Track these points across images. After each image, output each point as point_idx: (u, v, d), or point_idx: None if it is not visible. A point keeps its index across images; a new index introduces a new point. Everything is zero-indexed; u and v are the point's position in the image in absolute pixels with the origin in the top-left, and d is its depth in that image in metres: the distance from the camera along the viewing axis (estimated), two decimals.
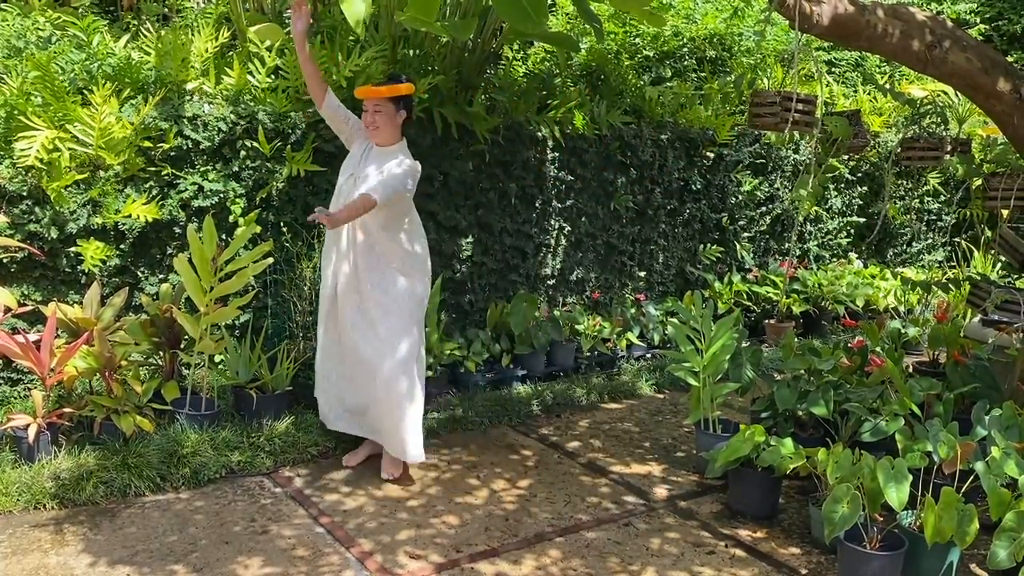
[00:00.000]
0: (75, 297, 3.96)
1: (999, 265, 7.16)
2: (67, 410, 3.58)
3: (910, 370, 4.73)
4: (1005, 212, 4.03)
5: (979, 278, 4.83)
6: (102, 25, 4.53)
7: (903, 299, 6.72)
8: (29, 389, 3.88)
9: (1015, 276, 5.58)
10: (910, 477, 3.02)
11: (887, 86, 5.50)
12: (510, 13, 3.94)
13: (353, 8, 3.36)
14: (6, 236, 3.72)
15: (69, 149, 3.80)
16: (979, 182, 4.34)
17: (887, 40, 3.56)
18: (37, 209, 3.81)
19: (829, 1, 3.43)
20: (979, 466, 3.05)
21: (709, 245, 6.34)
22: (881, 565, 2.94)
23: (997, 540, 2.80)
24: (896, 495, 2.97)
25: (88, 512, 3.31)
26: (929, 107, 4.47)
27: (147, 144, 4.00)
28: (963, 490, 3.00)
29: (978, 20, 9.39)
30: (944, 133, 4.49)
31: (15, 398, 3.86)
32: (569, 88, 5.57)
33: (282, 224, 4.35)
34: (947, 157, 4.22)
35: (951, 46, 3.60)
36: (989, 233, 7.66)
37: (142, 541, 3.11)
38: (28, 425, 3.43)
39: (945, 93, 6.53)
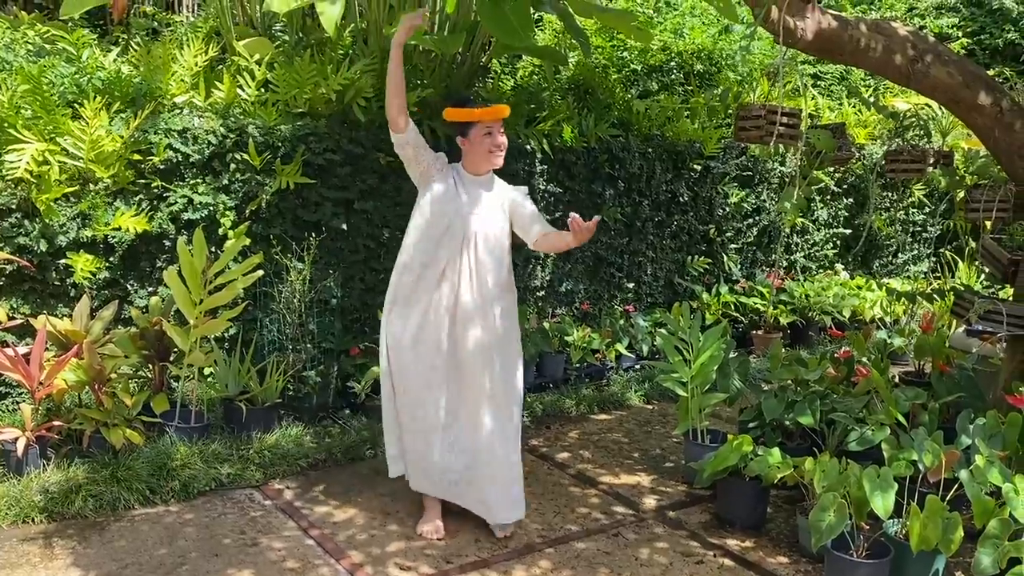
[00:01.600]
0: (64, 310, 3.96)
1: (983, 276, 7.23)
2: (56, 423, 3.58)
3: (896, 380, 4.77)
4: (988, 223, 4.09)
5: (963, 289, 4.89)
6: (91, 39, 4.54)
7: (889, 310, 6.78)
8: (18, 402, 3.87)
9: (998, 287, 5.64)
10: (896, 486, 3.05)
11: (871, 99, 5.57)
12: (498, 28, 3.99)
13: (327, 10, 3.38)
14: None
15: (59, 162, 3.81)
16: (962, 194, 4.40)
17: (870, 55, 3.62)
18: (27, 222, 3.81)
19: (813, 16, 3.48)
20: (963, 475, 3.09)
21: (697, 257, 6.39)
22: (867, 573, 2.97)
23: (981, 547, 2.83)
24: (882, 504, 3.00)
25: (77, 526, 3.30)
26: (912, 120, 4.53)
27: (137, 157, 4.01)
28: (948, 498, 3.04)
29: (960, 34, 9.51)
30: (927, 146, 4.55)
31: (4, 411, 3.85)
32: (557, 101, 5.61)
33: (272, 237, 4.36)
34: (930, 169, 4.27)
35: (933, 60, 3.66)
36: (973, 244, 7.74)
37: (131, 554, 3.10)
38: (17, 438, 3.42)
39: (929, 106, 6.62)
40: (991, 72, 8.73)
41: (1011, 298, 4.02)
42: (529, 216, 3.40)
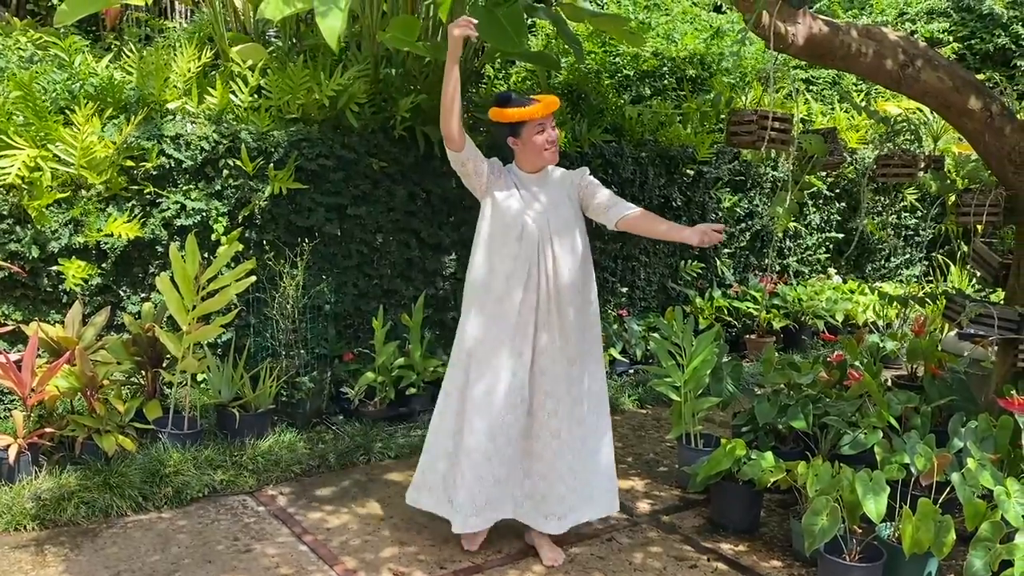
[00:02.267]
0: (56, 316, 3.95)
1: (974, 279, 7.26)
2: (48, 430, 3.56)
3: (888, 384, 4.79)
4: (979, 227, 4.11)
5: (955, 292, 4.91)
6: (84, 45, 4.54)
7: (881, 314, 6.81)
8: (10, 409, 3.86)
9: (990, 290, 5.67)
10: (888, 489, 3.06)
11: (862, 104, 5.60)
12: (493, 35, 4.01)
13: (328, 23, 3.37)
14: None
15: (51, 168, 3.81)
16: (953, 198, 4.42)
17: (861, 60, 3.63)
18: (18, 228, 3.80)
19: (804, 22, 3.50)
20: (955, 477, 3.10)
21: (690, 261, 6.40)
22: None
23: (973, 550, 2.83)
24: (874, 507, 3.01)
25: (69, 533, 3.28)
26: (903, 125, 4.55)
27: (129, 163, 4.01)
28: (940, 501, 3.04)
29: (951, 39, 9.56)
30: (918, 150, 4.57)
31: None
32: None
33: (265, 242, 4.36)
34: (921, 174, 4.29)
35: (923, 66, 3.68)
36: (965, 248, 7.77)
37: (124, 561, 3.09)
38: (9, 446, 3.41)
39: (920, 110, 6.66)
40: (981, 77, 8.78)
41: (1002, 302, 4.04)
42: (605, 198, 3.19)
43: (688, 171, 6.24)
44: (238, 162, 4.20)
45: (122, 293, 4.11)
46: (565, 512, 3.17)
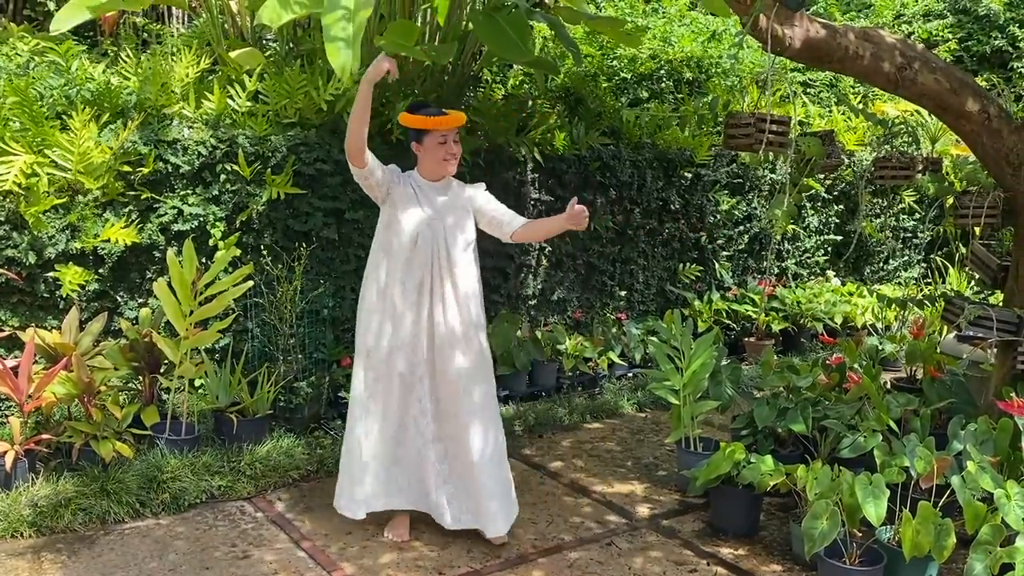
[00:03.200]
0: (53, 322, 3.94)
1: (973, 281, 7.26)
2: (45, 436, 3.55)
3: (888, 386, 4.78)
4: (977, 229, 4.11)
5: (953, 294, 4.90)
6: (81, 50, 4.53)
7: (880, 316, 6.80)
8: (6, 416, 3.85)
9: (988, 292, 5.66)
10: (888, 492, 3.06)
11: (860, 106, 5.60)
12: (497, 44, 4.00)
13: (339, 58, 3.36)
14: None
15: (48, 174, 3.80)
16: (951, 200, 4.42)
17: (858, 62, 3.63)
18: (15, 234, 3.79)
19: (801, 24, 3.50)
20: (955, 480, 3.09)
21: (688, 264, 6.40)
22: None
23: (974, 553, 2.83)
24: (874, 510, 3.00)
25: (66, 540, 3.27)
26: (900, 127, 4.56)
27: (126, 168, 4.00)
28: (940, 504, 3.04)
29: (949, 35, 9.56)
30: (916, 152, 4.58)
31: None
32: (547, 110, 5.62)
33: (262, 247, 4.35)
34: (918, 176, 4.29)
35: (920, 68, 3.68)
36: (963, 250, 7.77)
37: (121, 568, 3.08)
38: (5, 452, 3.40)
39: (918, 112, 6.65)
40: (978, 79, 8.79)
41: (1001, 304, 4.03)
42: (498, 211, 3.43)
43: (686, 174, 6.24)
44: (235, 167, 4.20)
45: (119, 299, 4.10)
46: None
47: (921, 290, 7.40)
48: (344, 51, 3.28)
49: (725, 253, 6.68)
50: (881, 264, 8.00)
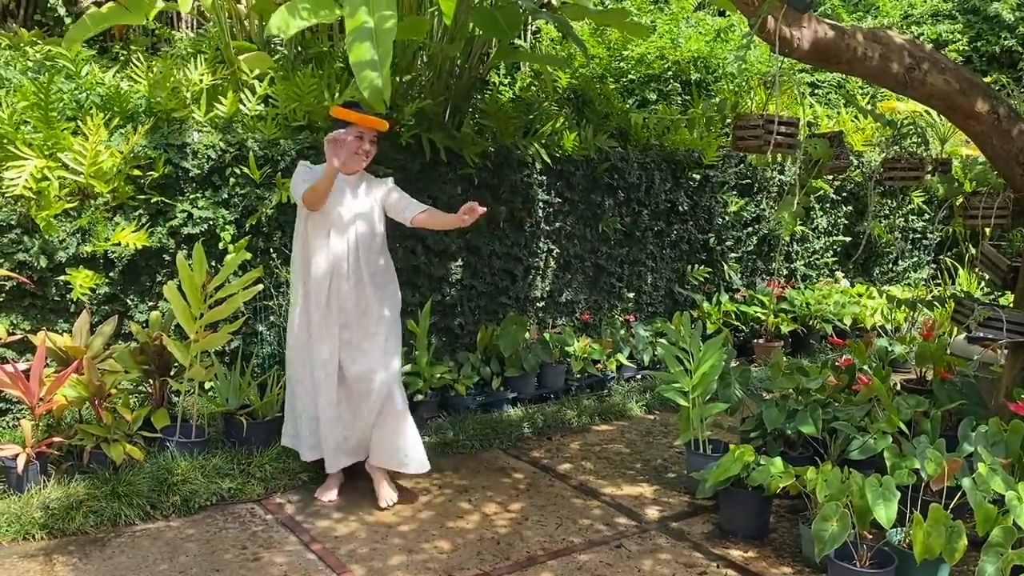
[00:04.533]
0: (64, 325, 3.96)
1: (983, 282, 7.23)
2: (56, 439, 3.57)
3: (897, 388, 4.76)
4: (987, 230, 4.09)
5: (963, 295, 4.88)
6: (91, 55, 4.56)
7: (890, 317, 6.78)
8: (18, 419, 3.87)
9: (999, 293, 5.64)
10: (898, 494, 3.05)
11: (868, 107, 5.58)
12: (486, 26, 4.19)
13: (371, 83, 3.56)
14: None
15: (59, 178, 3.82)
16: (961, 200, 4.40)
17: (867, 63, 3.62)
18: (26, 238, 3.81)
19: (809, 25, 3.49)
20: (966, 482, 3.08)
21: (697, 266, 6.39)
22: None
23: (985, 556, 2.81)
24: (885, 513, 2.99)
25: (78, 542, 3.29)
26: (909, 127, 4.54)
27: (137, 172, 4.02)
28: (951, 507, 3.03)
29: (960, 35, 9.52)
30: (924, 153, 4.56)
31: (4, 428, 3.85)
32: (554, 112, 5.63)
33: (272, 250, 4.37)
34: (928, 177, 4.28)
35: (929, 68, 3.67)
36: (973, 250, 7.73)
37: (132, 570, 3.09)
38: (17, 455, 3.42)
39: (928, 113, 6.63)
40: (988, 79, 8.76)
41: (1011, 305, 4.01)
42: (399, 200, 3.78)
43: (694, 175, 6.23)
44: (245, 170, 4.22)
45: (129, 302, 4.12)
46: None
47: (931, 291, 7.37)
48: (376, 74, 3.43)
49: (734, 255, 6.67)
50: (890, 265, 7.97)
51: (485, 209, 3.62)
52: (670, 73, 6.67)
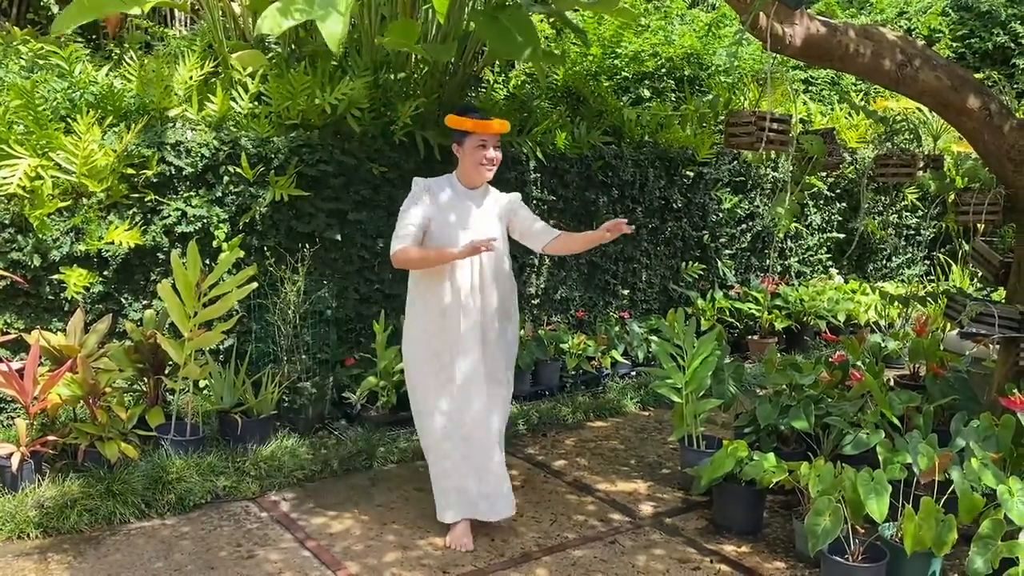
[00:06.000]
0: (58, 324, 3.96)
1: (976, 278, 7.26)
2: (51, 438, 3.57)
3: (890, 383, 4.78)
4: (979, 226, 4.11)
5: (956, 291, 4.90)
6: (84, 54, 4.55)
7: (883, 313, 6.80)
8: (12, 418, 3.87)
9: (991, 289, 5.66)
10: (890, 489, 3.06)
11: (861, 104, 5.60)
12: (500, 43, 3.97)
13: (329, 28, 3.36)
14: None
15: (52, 177, 3.82)
16: (953, 197, 4.42)
17: (859, 60, 3.63)
18: (20, 237, 3.81)
19: (801, 22, 3.50)
20: (954, 473, 3.10)
21: (691, 263, 6.40)
22: None
23: (974, 548, 2.83)
24: (877, 507, 3.01)
25: (72, 540, 3.29)
26: (901, 124, 4.56)
27: (130, 171, 4.02)
28: (942, 500, 3.04)
29: (948, 34, 9.54)
30: (917, 150, 4.57)
31: None
32: (548, 110, 5.63)
33: (266, 248, 4.37)
34: (920, 173, 4.29)
35: (921, 65, 3.68)
36: (966, 247, 7.77)
37: (127, 568, 3.09)
38: (11, 454, 3.42)
39: (920, 110, 6.65)
40: (980, 75, 8.78)
41: (1003, 300, 4.03)
42: (530, 221, 3.45)
43: (688, 172, 6.24)
44: (238, 169, 4.21)
45: (124, 300, 4.12)
46: None
47: (924, 287, 7.40)
48: (333, 22, 3.28)
49: (728, 251, 6.68)
50: (884, 261, 8.00)
51: (633, 228, 3.29)
52: (664, 70, 6.68)
